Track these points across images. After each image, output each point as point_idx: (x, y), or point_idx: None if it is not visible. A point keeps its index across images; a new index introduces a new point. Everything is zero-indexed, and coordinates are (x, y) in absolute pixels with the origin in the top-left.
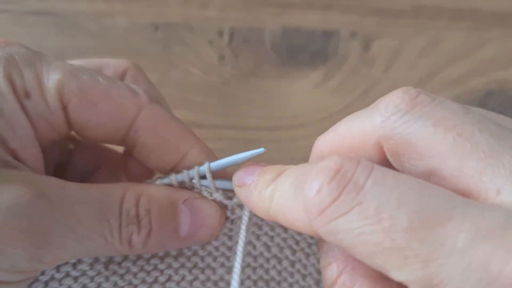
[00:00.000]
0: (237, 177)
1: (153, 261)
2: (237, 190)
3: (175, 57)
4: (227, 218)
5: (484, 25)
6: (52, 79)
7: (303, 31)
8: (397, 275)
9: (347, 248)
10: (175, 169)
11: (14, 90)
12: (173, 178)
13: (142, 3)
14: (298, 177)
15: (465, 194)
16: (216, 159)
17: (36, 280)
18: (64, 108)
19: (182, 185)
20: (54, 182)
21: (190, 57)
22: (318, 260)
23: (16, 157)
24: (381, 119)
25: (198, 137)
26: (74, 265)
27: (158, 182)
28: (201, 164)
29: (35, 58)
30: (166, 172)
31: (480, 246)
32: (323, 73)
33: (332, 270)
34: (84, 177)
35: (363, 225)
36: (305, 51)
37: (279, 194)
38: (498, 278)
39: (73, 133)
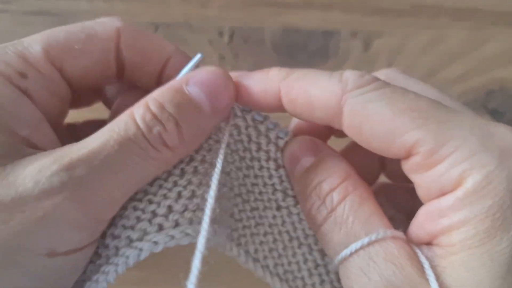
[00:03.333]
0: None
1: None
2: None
3: None
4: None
5: (484, 24)
6: (36, 50)
7: (303, 31)
8: (410, 136)
9: (367, 120)
10: (161, 78)
11: (9, 78)
12: None
13: (142, 3)
14: (330, 72)
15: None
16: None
17: None
18: (60, 70)
19: None
20: (69, 145)
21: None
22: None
23: (29, 144)
24: (341, 89)
25: (172, 44)
26: None
27: None
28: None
29: (10, 45)
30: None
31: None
32: None
33: (331, 181)
34: None
35: (392, 96)
36: (305, 50)
37: (306, 77)
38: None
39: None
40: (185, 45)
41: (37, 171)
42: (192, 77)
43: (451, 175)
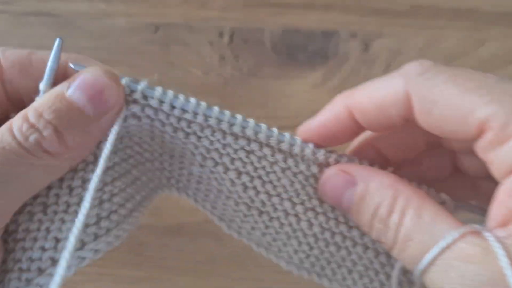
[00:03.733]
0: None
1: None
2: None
3: (175, 57)
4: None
5: (483, 24)
6: None
7: (303, 32)
8: (481, 111)
9: (437, 103)
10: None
11: None
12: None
13: (142, 4)
14: (387, 75)
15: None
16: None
17: None
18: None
19: None
20: None
21: (190, 57)
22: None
23: None
24: (405, 80)
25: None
26: None
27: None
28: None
29: None
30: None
31: None
32: (323, 73)
33: (385, 204)
34: None
35: (459, 77)
36: (305, 51)
37: (369, 86)
38: None
39: None
40: (185, 46)
41: None
42: (73, 81)
43: None
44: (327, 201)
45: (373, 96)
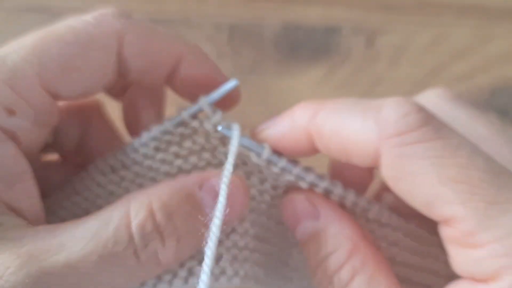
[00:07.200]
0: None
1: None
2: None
3: None
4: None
5: (490, 21)
6: (28, 75)
7: (305, 27)
8: (451, 209)
9: (406, 176)
10: (173, 80)
11: None
12: (185, 114)
13: None
14: (365, 104)
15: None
16: (211, 60)
17: None
18: (54, 96)
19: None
20: (44, 233)
21: None
22: None
23: (6, 205)
24: (379, 135)
25: (187, 41)
26: None
27: (166, 123)
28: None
29: None
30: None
31: None
32: (325, 69)
33: (337, 256)
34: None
35: (441, 156)
36: (306, 47)
37: (336, 116)
38: None
39: None
40: None
41: (1, 271)
42: (207, 181)
43: (487, 265)
44: (284, 218)
45: (337, 133)
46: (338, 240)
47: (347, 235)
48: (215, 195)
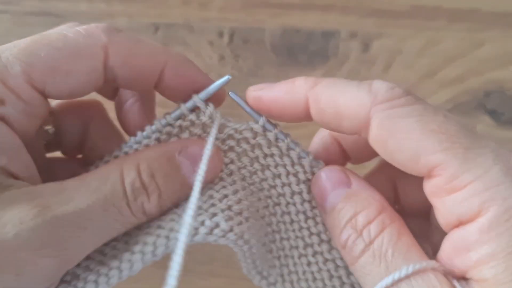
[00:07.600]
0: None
1: None
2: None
3: None
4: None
5: (482, 25)
6: (15, 72)
7: (303, 32)
8: (435, 157)
9: (395, 134)
10: (160, 86)
11: None
12: (183, 108)
13: (142, 4)
14: (358, 82)
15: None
16: (195, 66)
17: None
18: (42, 92)
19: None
20: (52, 188)
21: (190, 57)
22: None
23: (7, 173)
24: (371, 101)
25: (171, 50)
26: None
27: (167, 117)
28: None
29: None
30: (148, 89)
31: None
32: (323, 73)
33: (367, 213)
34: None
35: (423, 115)
36: (305, 51)
37: (334, 86)
38: None
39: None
40: (185, 46)
41: (18, 221)
42: (185, 147)
43: (471, 203)
44: (313, 191)
45: (334, 99)
46: (368, 201)
47: (377, 198)
48: (193, 160)
